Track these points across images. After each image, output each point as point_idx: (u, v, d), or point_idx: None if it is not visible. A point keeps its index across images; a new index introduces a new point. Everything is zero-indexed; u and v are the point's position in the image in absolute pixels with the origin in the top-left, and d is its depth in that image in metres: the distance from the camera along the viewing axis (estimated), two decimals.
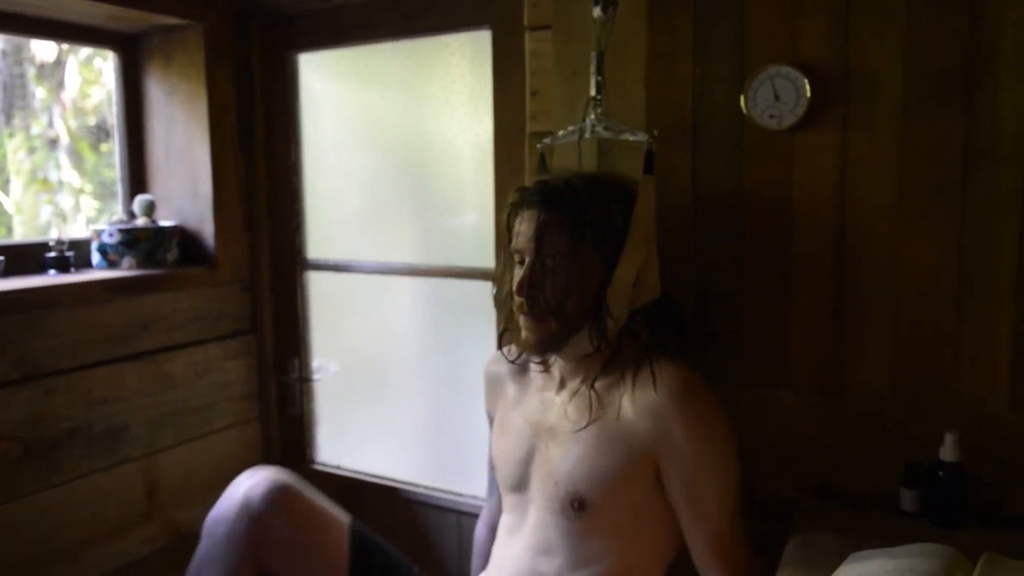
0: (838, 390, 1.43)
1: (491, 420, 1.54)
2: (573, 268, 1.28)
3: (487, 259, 1.93)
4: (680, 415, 1.25)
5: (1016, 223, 1.28)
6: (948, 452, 1.28)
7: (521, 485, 1.39)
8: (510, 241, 1.36)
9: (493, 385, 1.52)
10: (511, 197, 1.36)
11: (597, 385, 1.32)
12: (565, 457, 1.31)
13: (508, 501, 1.43)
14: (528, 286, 1.28)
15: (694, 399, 1.27)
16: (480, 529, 1.63)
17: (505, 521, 1.44)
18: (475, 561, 1.63)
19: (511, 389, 1.47)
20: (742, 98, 1.43)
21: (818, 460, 1.44)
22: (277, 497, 1.53)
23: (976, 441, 1.30)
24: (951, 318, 1.34)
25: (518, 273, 1.31)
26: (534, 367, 1.46)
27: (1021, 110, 1.26)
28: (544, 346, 1.32)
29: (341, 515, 1.64)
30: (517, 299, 1.30)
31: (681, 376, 1.28)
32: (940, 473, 1.29)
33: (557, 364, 1.41)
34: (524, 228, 1.30)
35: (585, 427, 1.30)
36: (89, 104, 2.28)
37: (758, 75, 1.41)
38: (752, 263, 1.48)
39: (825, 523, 1.33)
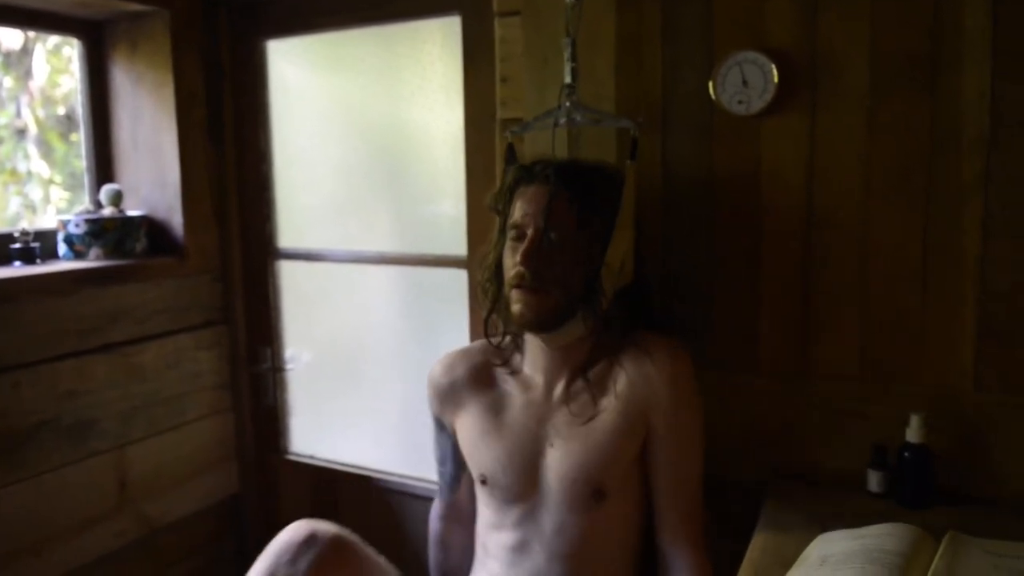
0: (807, 373, 1.44)
1: (440, 424, 1.49)
2: (577, 246, 1.27)
3: (460, 247, 1.93)
4: (673, 384, 1.29)
5: (980, 206, 1.29)
6: (914, 434, 1.30)
7: (529, 493, 1.34)
8: (504, 219, 1.34)
9: (448, 396, 1.45)
10: (511, 174, 1.36)
11: (590, 374, 1.33)
12: (581, 451, 1.30)
13: (510, 515, 1.37)
14: (534, 257, 1.26)
15: (684, 369, 1.31)
16: (436, 523, 1.57)
17: (507, 540, 1.37)
18: (433, 551, 1.59)
19: (476, 401, 1.42)
20: (711, 84, 1.43)
21: (787, 442, 1.45)
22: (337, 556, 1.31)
23: (942, 422, 1.32)
24: (917, 301, 1.35)
25: (511, 248, 1.30)
26: (499, 371, 1.43)
27: (985, 94, 1.27)
28: (541, 320, 1.29)
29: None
30: (517, 270, 1.27)
31: (671, 348, 1.32)
32: (906, 454, 1.30)
33: (532, 363, 1.40)
34: (529, 203, 1.29)
35: (592, 418, 1.30)
36: (58, 93, 2.24)
37: (726, 61, 1.41)
38: (722, 248, 1.48)
39: (794, 505, 1.34)
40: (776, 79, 1.38)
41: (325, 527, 1.31)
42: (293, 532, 1.30)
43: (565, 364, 1.36)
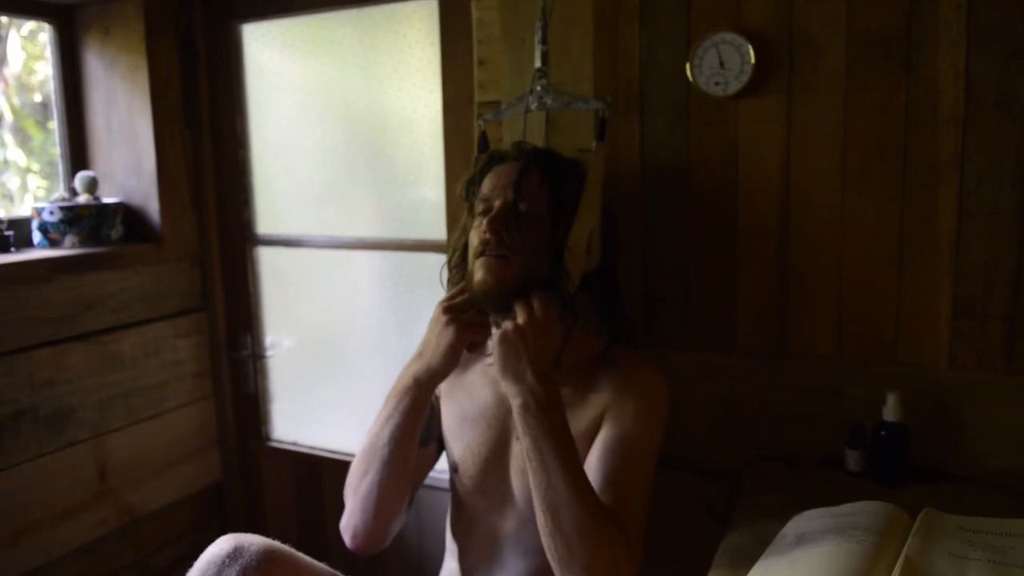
0: (784, 353, 1.45)
1: None
2: (544, 222, 1.26)
3: (439, 231, 1.92)
4: (641, 395, 1.26)
5: (955, 186, 1.30)
6: (890, 412, 1.31)
7: (496, 484, 1.33)
8: (473, 200, 1.32)
9: None
10: (483, 159, 1.35)
11: (564, 375, 1.29)
12: None
13: (478, 507, 1.35)
14: (500, 224, 1.24)
15: (657, 388, 1.29)
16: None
17: (475, 533, 1.36)
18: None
19: (459, 386, 1.40)
20: (688, 65, 1.43)
21: (765, 423, 1.46)
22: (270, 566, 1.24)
23: (918, 401, 1.33)
24: (893, 280, 1.36)
25: (478, 223, 1.27)
26: (481, 358, 1.39)
27: (960, 74, 1.27)
28: (504, 287, 1.24)
29: None
30: (483, 237, 1.25)
31: (654, 369, 1.31)
32: (882, 433, 1.31)
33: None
34: (499, 177, 1.28)
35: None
36: (34, 80, 2.20)
37: (703, 42, 1.41)
38: (699, 228, 1.48)
39: (772, 484, 1.35)
40: (753, 60, 1.37)
41: (251, 539, 1.26)
42: (218, 547, 1.25)
43: None
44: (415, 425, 1.31)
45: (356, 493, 1.36)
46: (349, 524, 1.37)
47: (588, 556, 1.09)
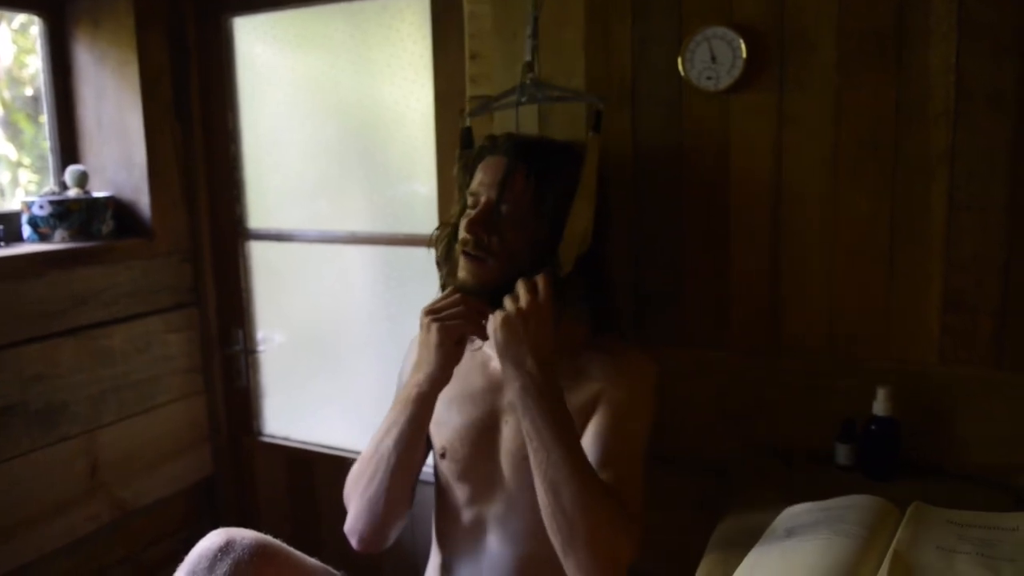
0: (775, 348, 1.45)
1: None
2: (528, 222, 1.25)
3: (431, 226, 1.90)
4: (631, 384, 1.27)
5: (946, 180, 1.30)
6: (880, 407, 1.31)
7: (483, 468, 1.32)
8: (465, 190, 1.32)
9: None
10: (481, 142, 1.34)
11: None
12: None
13: (464, 492, 1.35)
14: (479, 226, 1.24)
15: (648, 376, 1.30)
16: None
17: (461, 520, 1.35)
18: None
19: None
20: (680, 60, 1.43)
21: (756, 417, 1.46)
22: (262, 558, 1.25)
23: (908, 395, 1.34)
24: (884, 275, 1.36)
25: (466, 215, 1.28)
26: (472, 340, 1.37)
27: (951, 69, 1.28)
28: (482, 289, 1.25)
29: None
30: (463, 236, 1.25)
31: (646, 358, 1.32)
32: (873, 428, 1.32)
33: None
34: (486, 172, 1.27)
35: None
36: (25, 74, 2.19)
37: (695, 36, 1.40)
38: (691, 224, 1.48)
39: (764, 479, 1.36)
40: (744, 55, 1.37)
41: (243, 534, 1.26)
42: (210, 541, 1.25)
43: None
44: (420, 432, 1.31)
45: (362, 498, 1.35)
46: (356, 528, 1.36)
47: (589, 532, 1.11)
